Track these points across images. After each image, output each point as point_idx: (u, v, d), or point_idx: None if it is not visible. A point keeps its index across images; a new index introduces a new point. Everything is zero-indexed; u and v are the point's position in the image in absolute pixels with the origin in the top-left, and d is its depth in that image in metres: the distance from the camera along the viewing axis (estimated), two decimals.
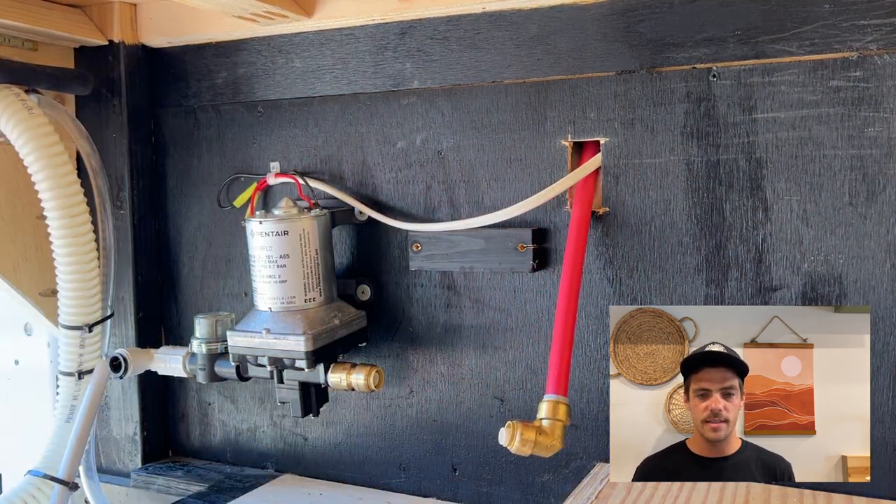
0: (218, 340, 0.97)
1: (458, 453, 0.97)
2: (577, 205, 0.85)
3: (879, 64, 0.74)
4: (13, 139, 0.93)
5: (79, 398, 1.03)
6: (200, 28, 1.05)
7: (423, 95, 0.95)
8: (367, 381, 0.89)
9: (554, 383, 0.76)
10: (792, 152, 0.78)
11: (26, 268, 1.08)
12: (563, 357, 0.77)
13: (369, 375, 0.90)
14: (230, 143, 1.08)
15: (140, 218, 1.12)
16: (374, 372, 0.90)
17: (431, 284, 0.97)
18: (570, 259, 0.81)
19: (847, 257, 0.77)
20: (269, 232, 0.90)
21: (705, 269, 0.83)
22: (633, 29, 0.83)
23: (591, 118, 0.86)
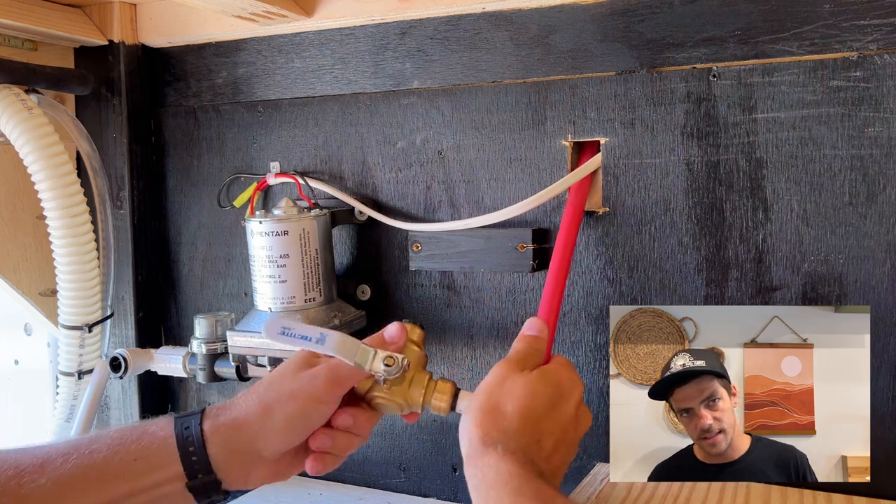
0: (218, 340, 0.97)
1: (458, 453, 0.97)
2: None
3: (879, 64, 0.74)
4: (13, 139, 0.93)
5: (79, 398, 1.03)
6: (200, 28, 1.05)
7: (423, 95, 0.95)
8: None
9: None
10: (792, 152, 0.78)
11: (26, 268, 1.08)
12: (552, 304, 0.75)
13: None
14: (230, 143, 1.08)
15: (140, 218, 1.12)
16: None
17: (431, 284, 0.97)
18: (567, 223, 0.81)
19: (847, 257, 0.77)
20: (269, 232, 0.90)
21: (705, 269, 0.83)
22: (633, 29, 0.83)
23: (591, 118, 0.86)
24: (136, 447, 0.61)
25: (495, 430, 0.59)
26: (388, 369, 0.63)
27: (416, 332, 0.70)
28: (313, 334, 0.64)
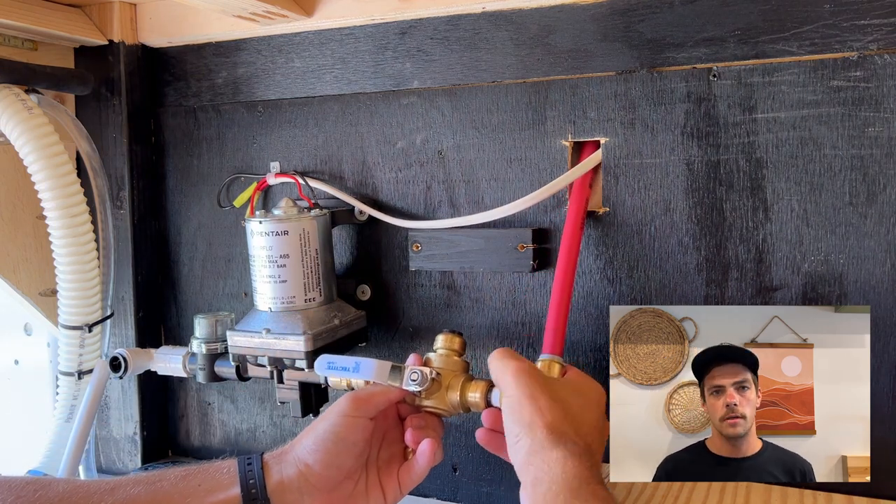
0: (218, 340, 0.97)
1: (458, 453, 0.97)
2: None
3: (880, 64, 0.74)
4: (13, 139, 0.93)
5: (79, 398, 1.03)
6: (200, 28, 1.05)
7: (423, 95, 0.95)
8: (367, 381, 0.89)
9: (550, 343, 0.76)
10: (792, 152, 0.78)
11: (26, 268, 1.08)
12: (559, 318, 0.77)
13: None
14: (230, 142, 1.08)
15: (140, 218, 1.12)
16: None
17: (431, 284, 0.97)
18: (572, 218, 0.82)
19: (847, 257, 0.77)
20: (269, 232, 0.90)
21: (705, 269, 0.83)
22: (633, 29, 0.83)
23: (591, 118, 0.86)
24: (201, 476, 0.67)
25: (564, 422, 0.61)
26: (416, 382, 0.72)
27: (455, 341, 0.76)
28: (349, 364, 0.74)
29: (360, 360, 0.74)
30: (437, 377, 0.73)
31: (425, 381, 0.72)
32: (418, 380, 0.72)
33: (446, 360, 0.75)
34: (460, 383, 0.73)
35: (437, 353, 0.76)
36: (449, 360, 0.75)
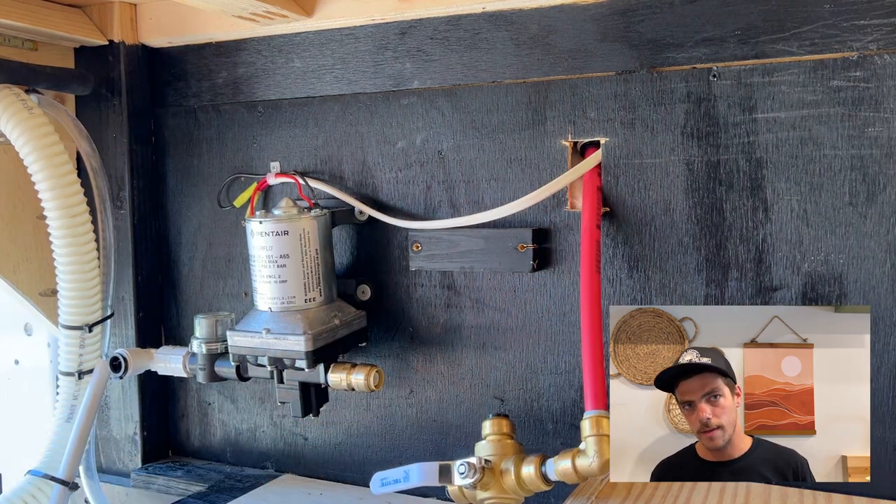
0: (218, 340, 0.97)
1: (458, 453, 0.97)
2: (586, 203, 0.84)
3: (879, 64, 0.74)
4: (13, 139, 0.93)
5: (79, 398, 1.03)
6: (200, 28, 1.05)
7: (423, 95, 0.95)
8: (368, 381, 0.89)
9: (592, 396, 0.72)
10: (792, 152, 0.78)
11: (26, 268, 1.08)
12: (596, 366, 0.74)
13: (369, 375, 0.90)
14: (230, 143, 1.08)
15: (140, 218, 1.12)
16: (374, 372, 0.90)
17: (431, 284, 0.97)
18: (587, 259, 0.80)
19: (847, 257, 0.77)
20: (269, 232, 0.90)
21: (705, 269, 0.83)
22: (633, 29, 0.83)
23: (592, 118, 0.86)
24: None
25: None
26: (465, 475, 0.69)
27: (503, 424, 0.74)
28: (400, 475, 0.71)
29: (409, 468, 0.70)
30: (487, 465, 0.69)
31: (475, 471, 0.68)
32: (466, 472, 0.68)
33: (496, 446, 0.71)
34: (513, 464, 0.69)
35: (486, 441, 0.72)
36: (499, 444, 0.71)
